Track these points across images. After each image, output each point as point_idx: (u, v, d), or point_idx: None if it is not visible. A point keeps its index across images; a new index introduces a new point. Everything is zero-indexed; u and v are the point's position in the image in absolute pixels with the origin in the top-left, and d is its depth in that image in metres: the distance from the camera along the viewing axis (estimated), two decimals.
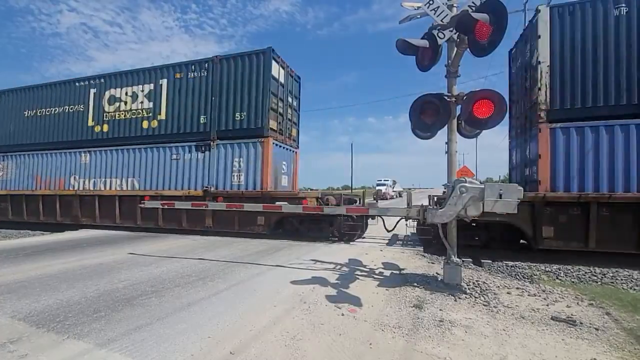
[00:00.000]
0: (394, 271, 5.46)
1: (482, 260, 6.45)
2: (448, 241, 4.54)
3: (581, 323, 3.38)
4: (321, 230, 8.65)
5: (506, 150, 9.44)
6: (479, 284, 4.62)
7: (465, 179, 4.17)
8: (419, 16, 4.79)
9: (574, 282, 5.30)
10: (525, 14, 13.89)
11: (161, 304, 3.79)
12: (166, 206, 6.95)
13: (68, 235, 9.62)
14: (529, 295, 4.29)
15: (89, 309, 3.61)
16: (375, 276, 5.14)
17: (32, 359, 2.57)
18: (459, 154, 5.57)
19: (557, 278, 5.48)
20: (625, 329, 3.31)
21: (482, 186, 3.95)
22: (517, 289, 4.53)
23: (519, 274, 5.53)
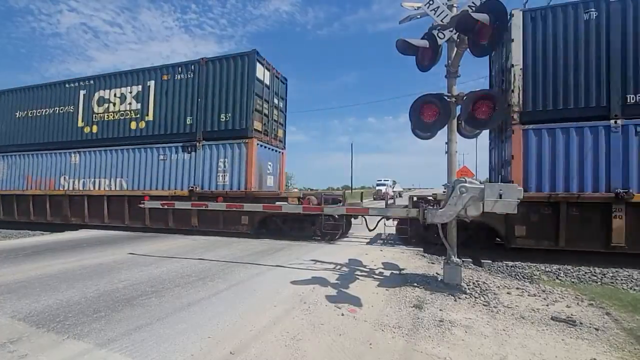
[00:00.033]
0: (394, 271, 5.46)
1: (482, 260, 6.47)
2: (448, 241, 4.54)
3: (581, 323, 3.38)
4: (303, 230, 8.74)
5: None
6: (479, 284, 4.62)
7: (465, 179, 4.18)
8: (419, 16, 4.79)
9: (573, 282, 5.30)
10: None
11: (161, 304, 3.79)
12: (166, 206, 6.97)
13: (68, 235, 9.62)
14: (529, 296, 4.29)
15: (89, 309, 3.61)
16: (375, 276, 5.14)
17: (32, 359, 2.57)
18: (459, 154, 5.58)
19: (557, 278, 5.49)
20: (625, 329, 3.31)
21: (482, 186, 3.95)
22: (517, 289, 4.54)
23: (519, 274, 5.54)
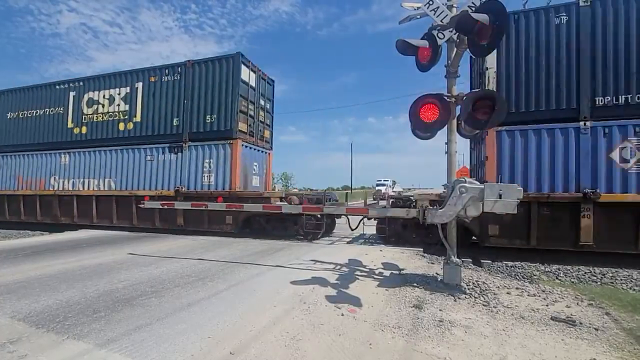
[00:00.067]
0: (394, 271, 5.46)
1: (482, 260, 6.48)
2: (448, 241, 4.54)
3: (581, 323, 3.38)
4: (286, 229, 8.86)
5: None
6: (478, 284, 4.62)
7: (465, 179, 4.18)
8: (418, 16, 4.79)
9: (573, 282, 5.31)
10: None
11: (161, 304, 3.79)
12: (166, 207, 7.01)
13: (67, 235, 9.61)
14: (528, 296, 4.29)
15: (89, 309, 3.61)
16: (375, 276, 5.14)
17: (32, 359, 2.57)
18: (458, 154, 5.63)
19: (557, 278, 5.49)
20: (624, 329, 3.31)
21: (482, 186, 3.95)
22: (517, 289, 4.54)
23: (519, 274, 5.54)
